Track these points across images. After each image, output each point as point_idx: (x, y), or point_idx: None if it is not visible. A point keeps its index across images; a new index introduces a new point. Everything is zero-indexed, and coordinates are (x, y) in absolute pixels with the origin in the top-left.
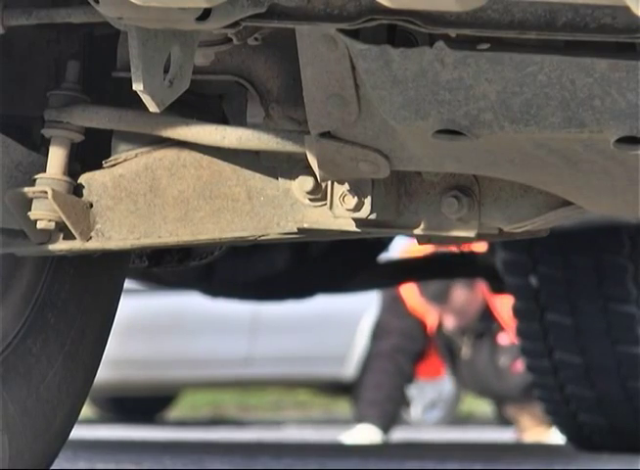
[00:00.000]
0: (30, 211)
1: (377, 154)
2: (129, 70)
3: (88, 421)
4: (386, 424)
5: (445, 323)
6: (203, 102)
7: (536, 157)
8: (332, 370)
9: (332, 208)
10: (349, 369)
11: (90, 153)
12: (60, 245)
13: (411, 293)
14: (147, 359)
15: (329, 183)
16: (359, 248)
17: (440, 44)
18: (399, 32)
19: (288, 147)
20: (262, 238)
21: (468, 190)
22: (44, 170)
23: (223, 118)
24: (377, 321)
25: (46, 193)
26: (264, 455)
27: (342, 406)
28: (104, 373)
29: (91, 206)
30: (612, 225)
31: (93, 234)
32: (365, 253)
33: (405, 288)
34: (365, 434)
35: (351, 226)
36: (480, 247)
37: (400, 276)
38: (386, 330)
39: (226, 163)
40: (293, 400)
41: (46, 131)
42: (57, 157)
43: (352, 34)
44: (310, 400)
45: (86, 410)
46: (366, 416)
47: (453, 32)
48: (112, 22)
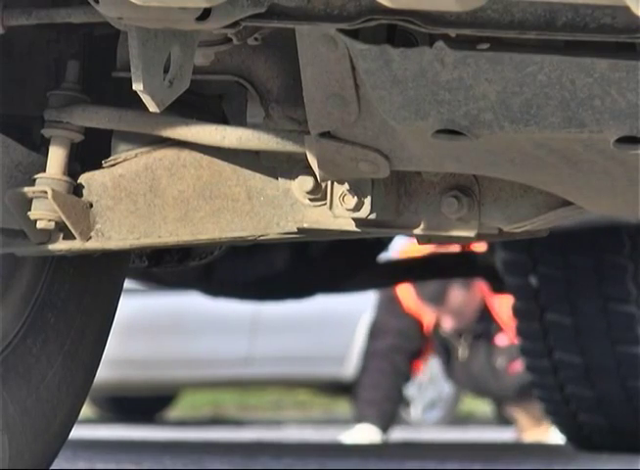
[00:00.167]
0: (30, 210)
1: (377, 154)
2: (129, 70)
3: (88, 421)
4: (385, 423)
5: (443, 324)
6: (202, 102)
7: (536, 157)
8: (332, 370)
9: (332, 207)
10: (349, 369)
11: (90, 153)
12: (59, 245)
13: (407, 293)
14: (147, 359)
15: (329, 183)
16: (359, 248)
17: (440, 44)
18: (399, 32)
19: (288, 147)
20: (262, 238)
21: (468, 190)
22: (44, 170)
23: (223, 118)
24: (373, 321)
25: (46, 193)
26: (264, 455)
27: (342, 406)
28: (104, 373)
29: (91, 206)
30: (612, 225)
31: (93, 234)
32: (365, 253)
33: (401, 288)
34: (365, 434)
35: (351, 226)
36: (480, 247)
37: (400, 276)
38: (382, 330)
39: (226, 163)
40: (293, 400)
41: (46, 131)
42: (57, 157)
43: (352, 34)
44: (310, 400)
45: (86, 410)
46: (365, 416)
47: (453, 32)
48: (112, 21)
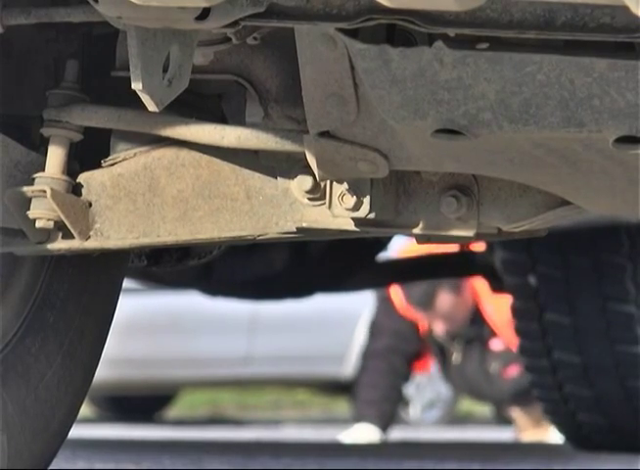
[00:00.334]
0: (29, 210)
1: (376, 153)
2: (128, 70)
3: (87, 420)
4: (384, 423)
5: (434, 329)
6: (202, 101)
7: (535, 156)
8: (331, 369)
9: (331, 207)
10: (348, 368)
11: (89, 152)
12: (59, 244)
13: (398, 296)
14: (146, 359)
15: (328, 183)
16: (358, 247)
17: (439, 44)
18: (398, 32)
19: (287, 146)
20: (261, 237)
21: (467, 189)
22: (43, 170)
23: (222, 118)
24: (372, 321)
25: (45, 192)
26: (263, 455)
27: (341, 406)
28: (103, 372)
29: (90, 205)
30: (611, 225)
31: (92, 233)
32: (364, 252)
33: (393, 290)
34: (363, 433)
35: (350, 226)
36: (479, 246)
37: (399, 276)
38: (379, 330)
39: (225, 162)
40: (291, 400)
41: (45, 130)
42: (56, 156)
43: (351, 34)
44: (309, 400)
45: (85, 409)
46: (364, 416)
47: (452, 32)
48: (111, 21)
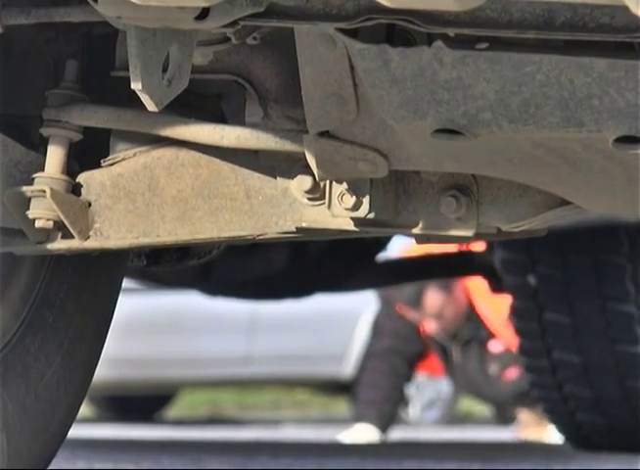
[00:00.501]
0: (29, 210)
1: (375, 153)
2: (128, 70)
3: (86, 420)
4: (384, 424)
5: (426, 327)
6: (201, 101)
7: (535, 156)
8: (330, 369)
9: (330, 207)
10: (348, 368)
11: (89, 152)
12: (58, 244)
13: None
14: (145, 358)
15: (327, 182)
16: (357, 247)
17: (439, 44)
18: (398, 32)
19: (286, 146)
20: (261, 237)
21: (466, 189)
22: (43, 169)
23: (222, 118)
24: (374, 321)
25: (44, 192)
26: (263, 455)
27: (341, 406)
28: (102, 372)
29: (89, 205)
30: (610, 225)
31: (91, 233)
32: (363, 252)
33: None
34: (363, 433)
35: (350, 225)
36: (479, 246)
37: (398, 276)
38: (380, 331)
39: (225, 162)
40: (291, 400)
41: (45, 130)
42: (55, 156)
43: (351, 34)
44: (309, 400)
45: (84, 409)
46: (364, 416)
47: (452, 32)
48: (110, 21)
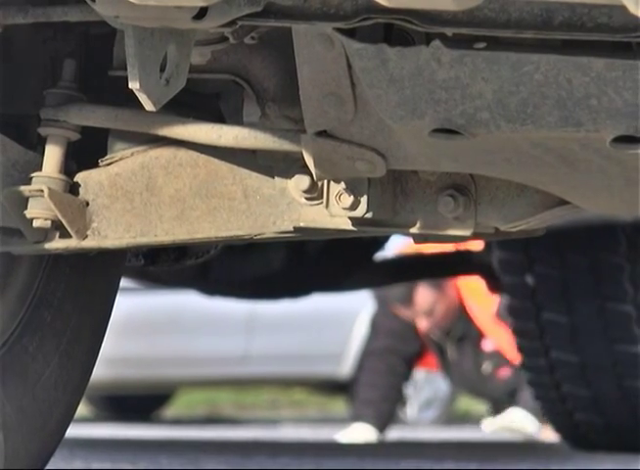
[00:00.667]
0: (27, 209)
1: (373, 153)
2: (125, 69)
3: (84, 420)
4: (382, 423)
5: (419, 325)
6: (199, 101)
7: (533, 156)
8: (328, 369)
9: (328, 206)
10: (345, 368)
11: (86, 151)
12: (56, 243)
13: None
14: (143, 358)
15: (325, 182)
16: (355, 247)
17: (437, 43)
18: (396, 31)
19: (284, 146)
20: (258, 237)
21: (464, 189)
22: (40, 169)
23: (220, 117)
24: (371, 320)
25: (42, 191)
26: (260, 454)
27: (338, 405)
28: (100, 372)
29: (87, 204)
30: (608, 224)
31: (89, 233)
32: (361, 252)
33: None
34: (361, 433)
35: (347, 225)
36: (477, 246)
37: (396, 275)
38: (377, 330)
39: (222, 161)
40: (289, 399)
41: (42, 130)
42: (53, 155)
43: (349, 33)
44: (306, 399)
45: (82, 409)
46: (362, 415)
47: (450, 31)
48: (108, 20)
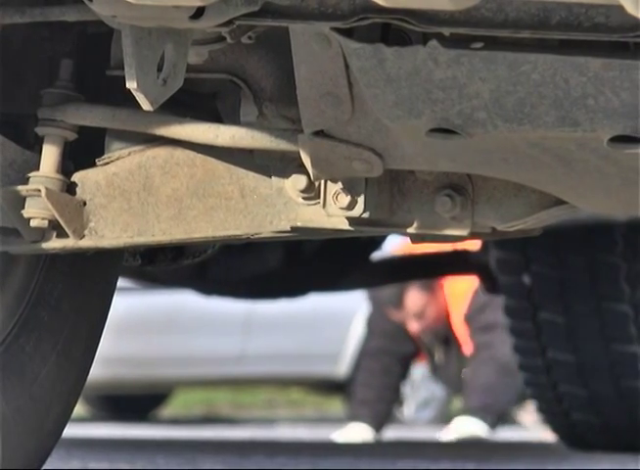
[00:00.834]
0: (24, 209)
1: (370, 152)
2: (123, 69)
3: (81, 420)
4: (378, 423)
5: (409, 328)
6: (196, 100)
7: (530, 156)
8: (325, 368)
9: (325, 206)
10: (342, 367)
11: (83, 151)
12: (53, 243)
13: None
14: (140, 358)
15: (322, 182)
16: (352, 246)
17: (434, 43)
18: (393, 31)
19: (281, 145)
20: (256, 236)
21: (461, 189)
22: (38, 169)
23: (217, 117)
24: (366, 320)
25: (39, 191)
26: (257, 454)
27: (335, 405)
28: (97, 371)
29: (84, 204)
30: (605, 224)
31: (86, 232)
32: (358, 251)
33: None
34: (357, 432)
35: (344, 225)
36: (474, 245)
37: (393, 275)
38: (372, 330)
39: (220, 161)
40: (285, 399)
41: (40, 130)
42: (50, 155)
43: (346, 33)
44: (303, 399)
45: (79, 409)
46: (358, 415)
47: (447, 31)
48: (105, 20)
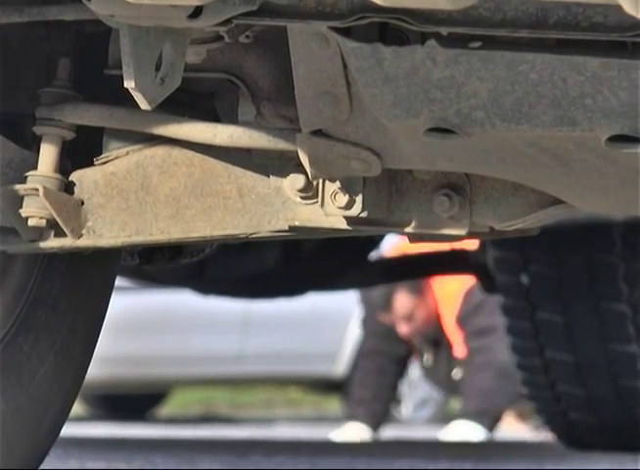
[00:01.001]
0: (22, 208)
1: (368, 152)
2: (121, 68)
3: (79, 419)
4: (374, 422)
5: (399, 330)
6: (194, 100)
7: (528, 155)
8: (322, 368)
9: (323, 206)
10: (340, 367)
11: (81, 150)
12: (51, 242)
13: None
14: (138, 357)
15: (320, 181)
16: (350, 246)
17: (432, 42)
18: (391, 30)
19: (279, 145)
20: (254, 236)
21: (459, 188)
22: (35, 168)
23: (215, 116)
24: (360, 321)
25: (37, 190)
26: (255, 453)
27: (333, 404)
28: (94, 371)
29: (82, 203)
30: (603, 224)
31: (84, 232)
32: (356, 251)
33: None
34: (354, 432)
35: (342, 224)
36: (472, 245)
37: (391, 274)
38: (366, 330)
39: (217, 160)
40: (283, 398)
41: (37, 129)
42: (48, 154)
43: (344, 32)
44: (301, 398)
45: (77, 408)
46: (355, 414)
47: (445, 31)
48: (103, 19)
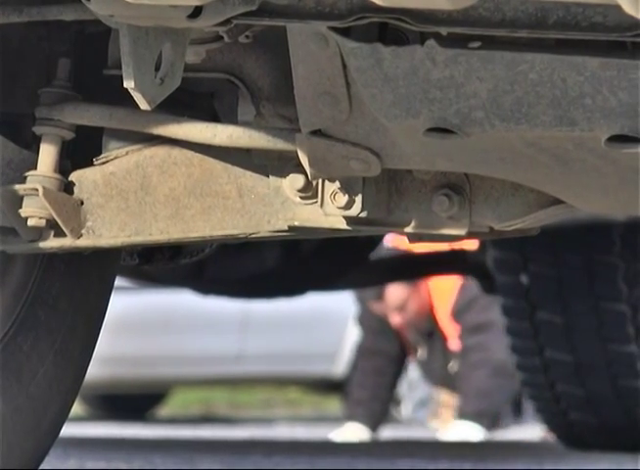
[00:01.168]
0: (21, 208)
1: (368, 152)
2: (120, 68)
3: (78, 419)
4: (373, 422)
5: (391, 321)
6: (194, 100)
7: (527, 155)
8: (322, 368)
9: (322, 206)
10: (340, 367)
11: (81, 150)
12: (50, 242)
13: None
14: (137, 357)
15: (320, 181)
16: (350, 246)
17: (431, 42)
18: (390, 30)
19: (279, 145)
20: (253, 236)
21: (459, 188)
22: (35, 168)
23: (214, 116)
24: (357, 320)
25: (37, 190)
26: (255, 453)
27: (333, 404)
28: (94, 371)
29: (82, 203)
30: (603, 224)
31: (84, 232)
32: (356, 251)
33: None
34: (353, 432)
35: (342, 224)
36: (471, 245)
37: (391, 274)
38: (362, 329)
39: (217, 160)
40: (283, 398)
41: (37, 129)
42: (48, 154)
43: (344, 32)
44: (301, 398)
45: (76, 408)
46: (354, 415)
47: (444, 31)
48: (103, 19)
